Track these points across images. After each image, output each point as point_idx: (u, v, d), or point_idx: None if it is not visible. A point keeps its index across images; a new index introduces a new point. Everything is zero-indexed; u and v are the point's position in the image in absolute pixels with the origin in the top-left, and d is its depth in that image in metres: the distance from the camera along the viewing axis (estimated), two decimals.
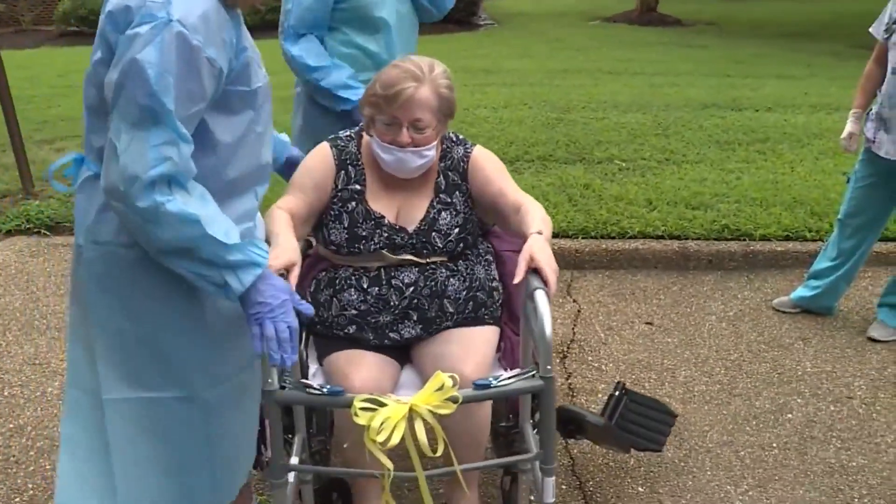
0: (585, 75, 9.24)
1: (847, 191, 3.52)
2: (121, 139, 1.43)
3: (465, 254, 2.18)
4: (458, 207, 2.14)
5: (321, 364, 2.12)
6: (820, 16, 16.46)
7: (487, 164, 2.18)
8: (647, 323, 3.66)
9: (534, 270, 1.71)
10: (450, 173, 2.16)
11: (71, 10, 14.52)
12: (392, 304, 2.07)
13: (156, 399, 1.67)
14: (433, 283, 2.08)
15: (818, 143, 5.96)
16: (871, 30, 3.37)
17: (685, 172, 5.22)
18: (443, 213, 2.12)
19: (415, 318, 2.07)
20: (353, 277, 2.10)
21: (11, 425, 2.87)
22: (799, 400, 3.05)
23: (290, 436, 2.01)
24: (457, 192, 2.15)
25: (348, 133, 2.21)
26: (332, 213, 2.12)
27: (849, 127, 3.42)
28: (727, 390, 3.12)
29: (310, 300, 2.15)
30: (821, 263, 3.68)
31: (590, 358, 3.35)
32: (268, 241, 1.83)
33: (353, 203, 2.11)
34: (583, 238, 4.31)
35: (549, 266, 1.70)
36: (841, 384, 3.15)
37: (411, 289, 2.07)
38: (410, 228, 2.11)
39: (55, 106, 7.72)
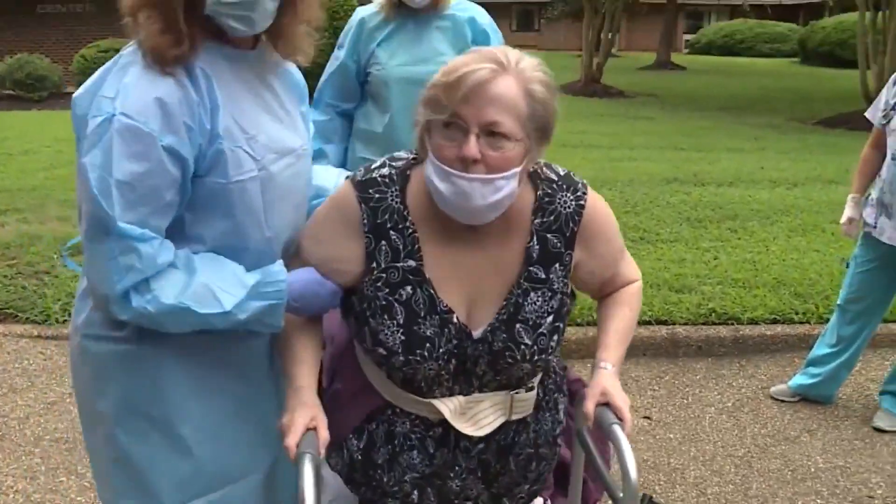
0: None
1: (847, 276, 3.43)
2: (85, 254, 1.36)
3: (544, 393, 1.67)
4: (556, 286, 1.52)
5: None
6: (749, 91, 17.02)
7: (606, 230, 1.59)
8: (646, 417, 3.46)
9: (604, 404, 1.48)
10: (549, 236, 1.51)
11: (6, 74, 14.07)
12: (459, 466, 1.63)
13: None
14: (502, 437, 1.65)
15: (786, 220, 5.96)
16: (867, 115, 3.34)
17: (662, 252, 5.11)
18: (531, 294, 1.50)
19: (479, 473, 1.69)
20: (413, 435, 1.59)
21: None
22: (818, 500, 2.87)
23: None
24: (556, 265, 1.52)
25: (387, 171, 1.50)
26: (378, 304, 1.48)
27: (848, 212, 3.35)
28: (741, 491, 2.92)
29: (359, 458, 1.62)
30: (820, 350, 3.55)
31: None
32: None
33: (409, 288, 1.47)
34: (569, 326, 4.12)
35: (622, 401, 1.46)
36: (857, 481, 2.99)
37: (480, 446, 1.62)
38: (481, 330, 1.50)
39: None
